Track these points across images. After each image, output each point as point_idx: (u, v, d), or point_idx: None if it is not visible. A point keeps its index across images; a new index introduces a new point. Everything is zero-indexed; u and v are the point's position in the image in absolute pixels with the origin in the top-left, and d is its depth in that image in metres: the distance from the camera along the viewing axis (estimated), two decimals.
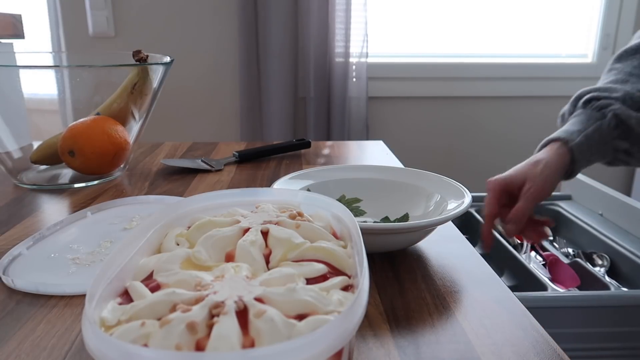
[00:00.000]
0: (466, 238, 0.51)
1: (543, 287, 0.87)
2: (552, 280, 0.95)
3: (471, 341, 0.33)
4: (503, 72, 1.80)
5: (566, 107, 0.85)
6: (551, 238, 1.18)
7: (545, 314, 0.81)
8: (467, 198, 0.46)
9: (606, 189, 1.20)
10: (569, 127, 0.78)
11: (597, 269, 1.01)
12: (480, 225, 0.79)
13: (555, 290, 0.87)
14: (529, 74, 1.81)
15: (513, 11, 1.82)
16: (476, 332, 0.34)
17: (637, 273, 0.97)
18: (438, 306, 0.37)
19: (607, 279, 0.95)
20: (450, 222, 0.52)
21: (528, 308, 0.41)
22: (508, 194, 0.76)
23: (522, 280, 0.94)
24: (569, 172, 0.78)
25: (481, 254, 0.47)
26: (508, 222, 0.73)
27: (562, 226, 1.21)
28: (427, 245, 0.48)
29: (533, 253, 1.08)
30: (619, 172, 1.93)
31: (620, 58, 0.84)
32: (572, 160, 0.76)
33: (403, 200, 0.53)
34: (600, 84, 0.84)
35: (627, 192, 1.95)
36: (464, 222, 1.19)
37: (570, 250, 1.11)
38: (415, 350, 0.32)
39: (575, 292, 0.90)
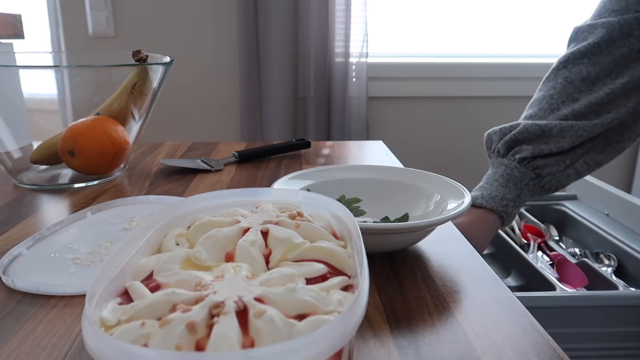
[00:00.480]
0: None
1: (551, 287, 0.87)
2: (560, 280, 0.95)
3: (471, 341, 0.33)
4: (503, 72, 1.80)
5: (500, 143, 0.83)
6: (557, 238, 1.18)
7: (554, 314, 0.81)
8: (467, 198, 0.46)
9: (612, 188, 1.19)
10: (503, 192, 0.78)
11: (604, 269, 1.01)
12: None
13: (564, 290, 0.87)
14: (529, 74, 1.81)
15: (513, 11, 1.82)
16: (476, 332, 0.34)
17: None
18: (438, 306, 0.37)
19: (615, 278, 0.95)
20: (450, 222, 0.52)
21: (537, 308, 0.41)
22: None
23: (530, 280, 0.94)
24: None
25: (489, 254, 0.47)
26: None
27: (568, 226, 1.21)
28: (427, 245, 0.48)
29: (540, 253, 1.08)
30: (619, 170, 1.93)
31: (566, 63, 0.83)
32: (502, 224, 0.80)
33: (403, 200, 0.53)
34: (537, 105, 0.82)
35: (628, 189, 1.95)
36: None
37: (576, 250, 1.11)
38: (415, 351, 0.32)
39: (584, 292, 0.90)
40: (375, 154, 0.83)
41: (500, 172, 0.81)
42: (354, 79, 1.70)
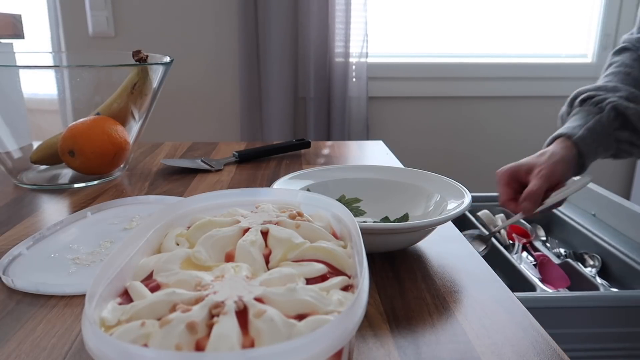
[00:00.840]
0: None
1: (532, 288, 0.87)
2: (542, 280, 0.95)
3: (471, 341, 0.33)
4: (503, 72, 1.80)
5: (564, 108, 0.87)
6: (544, 238, 1.18)
7: (535, 314, 0.82)
8: (467, 198, 0.46)
9: (600, 189, 1.20)
10: (570, 124, 0.81)
11: (588, 269, 1.01)
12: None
13: (544, 290, 0.87)
14: (529, 74, 1.81)
15: (513, 11, 1.82)
16: (476, 332, 0.34)
17: (627, 273, 0.98)
18: (438, 306, 0.37)
19: (598, 279, 0.95)
20: (450, 222, 0.52)
21: None
22: (518, 182, 0.78)
23: (513, 280, 0.95)
24: (579, 166, 0.80)
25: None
26: (523, 200, 0.75)
27: (555, 227, 1.22)
28: (427, 245, 0.48)
29: (525, 253, 1.08)
30: (618, 174, 1.93)
31: (617, 52, 0.87)
32: (579, 154, 0.78)
33: (403, 200, 0.53)
34: (598, 82, 0.86)
35: (627, 193, 1.95)
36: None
37: (562, 250, 1.12)
38: (415, 350, 0.32)
39: (564, 292, 0.90)
40: (375, 154, 0.83)
41: (568, 121, 0.83)
42: (354, 79, 1.70)
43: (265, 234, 0.31)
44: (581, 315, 0.83)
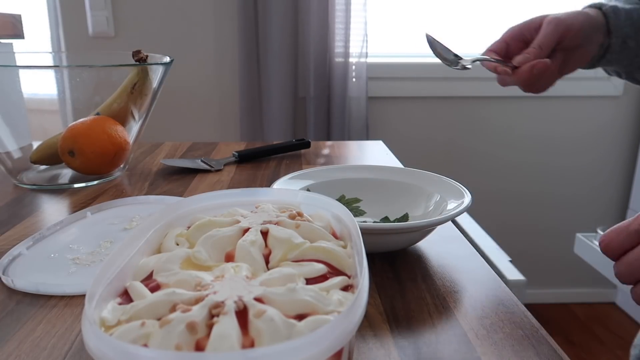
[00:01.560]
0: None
1: None
2: None
3: (471, 341, 0.33)
4: None
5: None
6: None
7: None
8: (467, 198, 0.46)
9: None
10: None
11: None
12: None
13: None
14: None
15: (513, 11, 1.82)
16: (476, 332, 0.34)
17: None
18: (438, 306, 0.37)
19: None
20: (450, 222, 0.52)
21: None
22: (523, 41, 0.70)
23: None
24: (605, 45, 0.69)
25: None
26: (532, 46, 0.67)
27: None
28: (427, 245, 0.48)
29: None
30: (617, 179, 1.93)
31: None
32: (607, 26, 0.68)
33: (403, 200, 0.53)
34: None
35: (627, 194, 1.95)
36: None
37: None
38: (415, 351, 0.32)
39: None
40: (375, 154, 0.84)
41: None
42: (353, 79, 1.70)
43: (265, 234, 0.31)
44: None
